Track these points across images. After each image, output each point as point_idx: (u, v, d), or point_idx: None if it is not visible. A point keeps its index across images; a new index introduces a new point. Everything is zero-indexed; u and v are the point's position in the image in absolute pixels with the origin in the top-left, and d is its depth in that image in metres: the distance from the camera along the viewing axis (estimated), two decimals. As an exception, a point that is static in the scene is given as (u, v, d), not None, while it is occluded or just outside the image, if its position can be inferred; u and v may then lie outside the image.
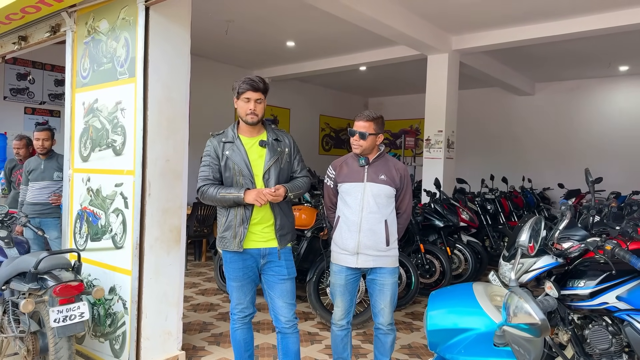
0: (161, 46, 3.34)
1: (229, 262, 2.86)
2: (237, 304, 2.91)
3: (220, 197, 2.75)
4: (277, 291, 2.87)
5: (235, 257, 2.83)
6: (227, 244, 2.81)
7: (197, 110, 8.69)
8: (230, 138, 2.84)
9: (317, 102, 11.90)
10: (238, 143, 2.82)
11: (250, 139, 2.86)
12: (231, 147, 2.81)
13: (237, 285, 2.87)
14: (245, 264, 2.84)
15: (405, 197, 3.06)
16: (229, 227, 2.80)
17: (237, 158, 2.79)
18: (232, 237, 2.78)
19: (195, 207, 6.56)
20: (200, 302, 5.19)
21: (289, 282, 2.89)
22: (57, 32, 3.92)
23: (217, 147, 2.84)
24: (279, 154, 2.85)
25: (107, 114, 3.49)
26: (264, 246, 2.83)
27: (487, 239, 6.90)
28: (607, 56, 8.24)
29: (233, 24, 6.87)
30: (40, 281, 2.91)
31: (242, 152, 2.80)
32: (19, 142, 5.42)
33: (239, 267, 2.83)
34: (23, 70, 7.40)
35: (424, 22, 6.50)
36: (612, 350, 2.33)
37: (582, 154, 9.86)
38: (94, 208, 3.55)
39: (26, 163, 4.87)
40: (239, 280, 2.85)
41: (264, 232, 2.83)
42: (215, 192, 2.77)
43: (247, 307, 2.92)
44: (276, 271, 2.86)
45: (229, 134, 2.87)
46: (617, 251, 2.21)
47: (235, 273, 2.85)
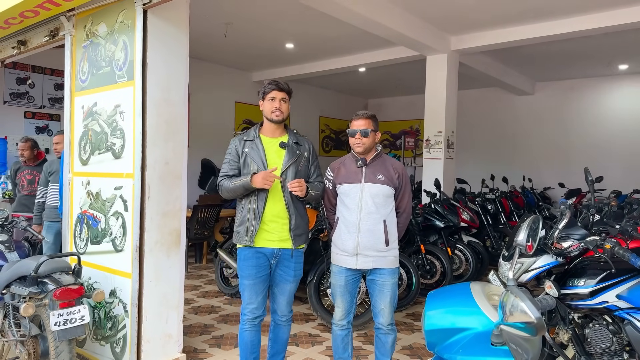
0: (159, 49, 3.34)
1: (242, 260, 2.95)
2: (248, 304, 2.95)
3: (233, 187, 2.88)
4: (281, 289, 3.02)
5: (249, 255, 2.91)
6: (240, 238, 2.92)
7: (196, 113, 8.75)
8: (252, 137, 2.97)
9: (316, 104, 11.90)
10: (258, 142, 2.94)
11: (271, 139, 2.98)
12: (251, 145, 2.94)
13: (249, 284, 2.93)
14: (259, 262, 2.92)
15: (404, 196, 3.06)
16: (243, 222, 2.91)
17: (255, 156, 2.91)
18: (245, 231, 2.89)
19: (195, 209, 6.56)
20: (201, 304, 5.18)
21: (294, 283, 3.04)
22: (56, 36, 3.93)
23: (238, 146, 2.97)
24: (297, 156, 2.97)
25: (106, 117, 3.49)
26: (277, 246, 2.92)
27: (488, 239, 6.89)
28: (606, 55, 8.24)
29: (232, 27, 6.88)
30: (40, 285, 2.91)
31: (260, 150, 2.91)
32: (24, 144, 5.43)
33: (252, 265, 2.91)
34: (23, 74, 7.42)
35: (422, 22, 6.51)
36: (613, 349, 2.32)
37: (582, 153, 9.85)
38: (93, 211, 3.56)
39: (47, 164, 4.85)
40: (251, 278, 2.92)
41: (279, 230, 2.91)
42: (228, 183, 2.90)
43: (257, 307, 2.95)
44: (285, 271, 2.98)
45: (251, 133, 3.00)
46: (616, 250, 2.21)
47: (249, 270, 2.92)
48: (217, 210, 6.82)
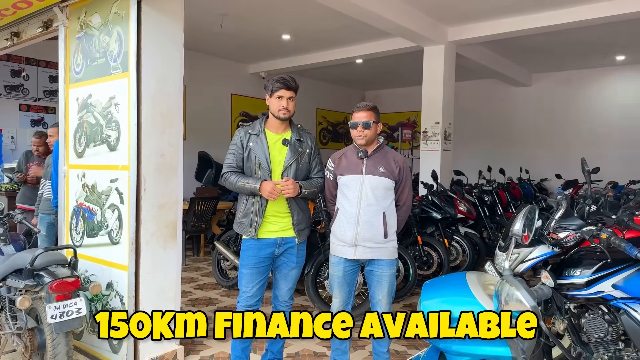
0: (154, 40, 3.31)
1: (245, 250, 3.00)
2: (243, 292, 2.99)
3: (240, 186, 2.93)
4: (283, 275, 3.10)
5: (253, 245, 2.97)
6: (244, 229, 2.98)
7: (192, 105, 8.71)
8: (257, 131, 3.00)
9: (313, 96, 11.86)
10: (262, 137, 2.97)
11: (275, 134, 3.01)
12: (256, 139, 2.97)
13: (246, 273, 2.98)
14: (260, 253, 2.96)
15: (404, 190, 3.06)
16: (247, 215, 2.97)
17: (259, 151, 2.94)
18: (249, 224, 2.95)
19: (192, 202, 6.54)
20: (198, 296, 5.19)
21: (296, 270, 3.12)
22: (50, 27, 3.89)
23: (243, 138, 3.00)
24: (299, 154, 3.01)
25: (101, 109, 3.47)
26: (280, 235, 2.99)
27: (485, 230, 6.91)
28: (603, 46, 8.22)
29: (227, 18, 6.83)
30: (36, 278, 2.90)
31: (264, 146, 2.94)
32: (39, 140, 5.40)
33: (253, 255, 2.96)
34: (17, 67, 7.36)
35: (419, 13, 6.47)
36: (609, 338, 2.33)
37: (579, 144, 9.86)
38: (89, 204, 3.54)
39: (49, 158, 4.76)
40: (249, 267, 2.97)
41: (280, 222, 2.98)
42: (235, 180, 2.94)
43: (252, 296, 2.97)
44: (288, 258, 3.06)
45: (256, 127, 3.02)
46: (613, 240, 2.21)
47: (248, 260, 2.97)
48: (214, 203, 6.81)
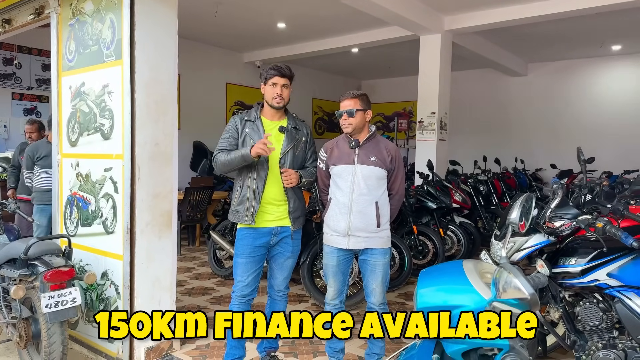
0: (147, 27, 3.26)
1: (240, 239, 2.98)
2: (239, 282, 2.98)
3: (231, 159, 2.87)
4: (279, 264, 3.08)
5: (248, 234, 2.94)
6: (240, 217, 2.93)
7: (186, 94, 8.64)
8: (252, 118, 2.97)
9: (309, 86, 11.80)
10: (259, 124, 2.94)
11: (271, 122, 2.98)
12: (252, 126, 2.94)
13: (241, 262, 2.96)
14: (255, 242, 2.94)
15: (397, 179, 3.05)
16: (242, 202, 2.93)
17: (256, 137, 2.90)
18: (245, 211, 2.90)
19: (187, 192, 6.52)
20: (194, 286, 5.19)
21: (292, 260, 3.10)
22: (42, 14, 3.83)
23: (239, 124, 2.97)
24: (296, 141, 3.00)
25: (94, 97, 3.43)
26: (276, 225, 2.96)
27: (480, 220, 6.93)
28: (599, 36, 8.21)
29: (222, 6, 6.76)
30: (30, 267, 2.88)
31: (261, 132, 2.91)
32: (31, 126, 5.38)
33: (248, 244, 2.94)
34: (9, 55, 7.27)
35: (416, 1, 6.42)
36: (603, 326, 2.35)
37: (574, 134, 9.87)
38: (83, 193, 3.52)
39: (33, 147, 4.72)
40: (245, 257, 2.95)
41: (277, 211, 2.95)
42: (225, 156, 2.91)
43: (247, 285, 2.96)
44: (284, 247, 3.04)
45: (252, 114, 3.00)
46: (608, 228, 2.21)
47: (243, 249, 2.95)
48: (209, 193, 6.79)
